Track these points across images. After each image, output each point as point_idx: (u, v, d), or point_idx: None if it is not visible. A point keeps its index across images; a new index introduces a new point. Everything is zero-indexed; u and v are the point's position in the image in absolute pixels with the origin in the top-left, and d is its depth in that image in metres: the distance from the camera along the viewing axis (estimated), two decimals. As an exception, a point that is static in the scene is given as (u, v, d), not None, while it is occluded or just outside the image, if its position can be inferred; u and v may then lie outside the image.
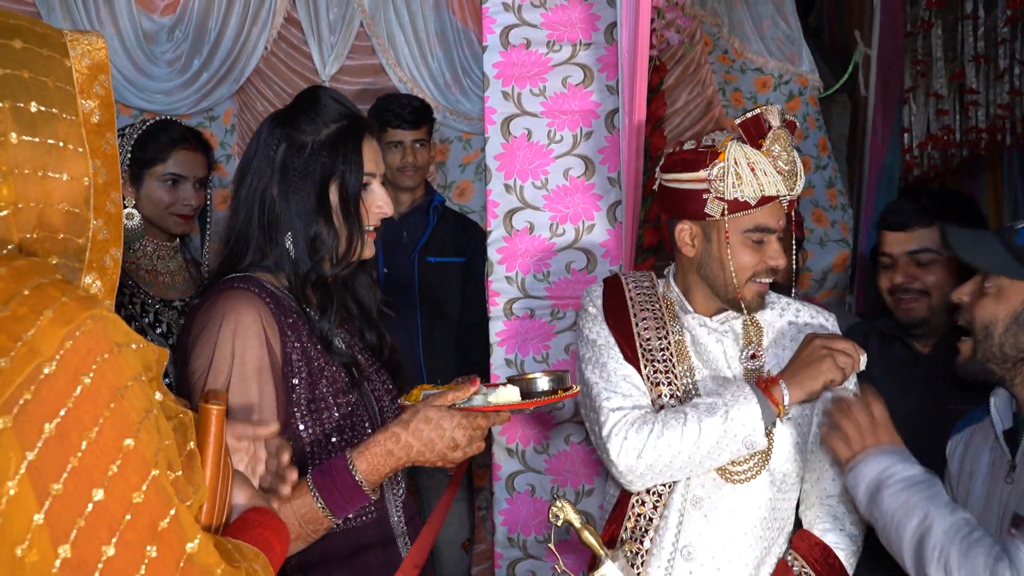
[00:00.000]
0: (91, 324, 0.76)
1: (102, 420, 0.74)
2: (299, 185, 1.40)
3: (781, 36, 3.30)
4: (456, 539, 2.91)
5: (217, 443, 0.95)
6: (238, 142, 3.03)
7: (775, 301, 1.69)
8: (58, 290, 0.76)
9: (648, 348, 1.62)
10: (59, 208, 0.83)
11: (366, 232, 1.45)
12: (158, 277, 2.14)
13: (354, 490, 1.31)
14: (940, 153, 4.41)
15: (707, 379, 1.62)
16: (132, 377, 0.78)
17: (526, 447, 2.26)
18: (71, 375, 0.73)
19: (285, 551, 1.01)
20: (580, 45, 2.22)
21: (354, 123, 1.44)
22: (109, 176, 0.87)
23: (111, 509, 0.74)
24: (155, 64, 2.92)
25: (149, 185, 2.09)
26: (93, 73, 0.87)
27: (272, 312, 1.38)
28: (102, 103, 0.87)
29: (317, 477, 1.31)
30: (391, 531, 1.50)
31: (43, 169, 0.82)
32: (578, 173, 2.22)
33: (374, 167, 1.46)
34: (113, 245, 0.88)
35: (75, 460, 0.72)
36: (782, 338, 1.66)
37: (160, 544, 0.77)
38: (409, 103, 2.76)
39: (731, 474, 1.56)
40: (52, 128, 0.82)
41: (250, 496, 1.03)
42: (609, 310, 1.68)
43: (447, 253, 2.77)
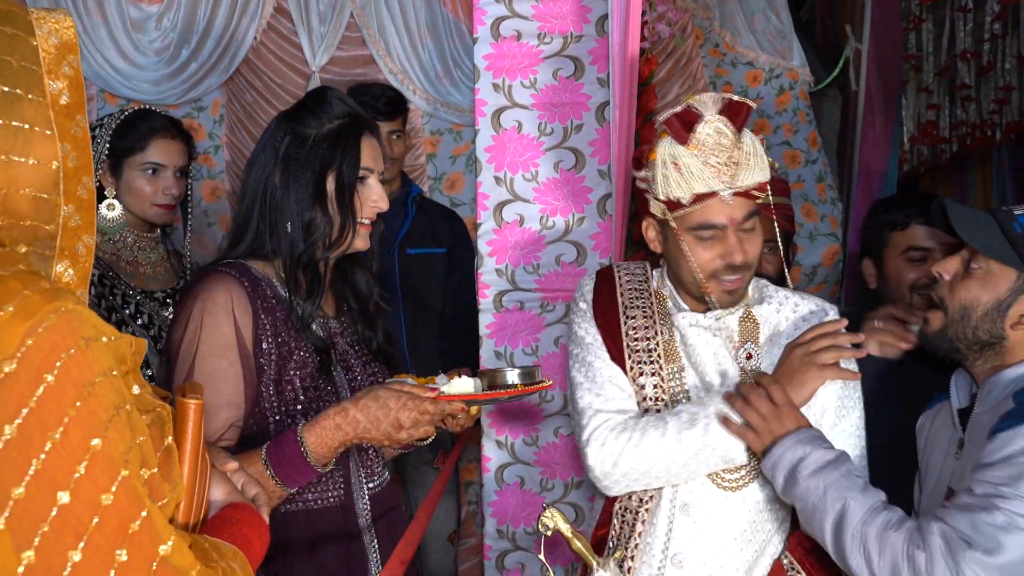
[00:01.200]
0: (55, 319, 0.72)
1: (67, 419, 0.71)
2: (299, 174, 1.50)
3: (772, 30, 3.30)
4: (442, 532, 2.91)
5: (195, 438, 0.92)
6: (226, 132, 3.01)
7: (773, 295, 1.62)
8: (19, 283, 0.74)
9: (635, 348, 1.58)
10: (25, 193, 0.80)
11: (359, 223, 1.54)
12: (139, 268, 2.12)
13: (301, 462, 1.36)
14: (930, 149, 4.43)
15: (696, 381, 1.58)
16: (101, 372, 0.75)
17: (515, 439, 2.26)
18: (33, 373, 0.70)
19: (265, 547, 0.98)
20: (571, 37, 2.21)
21: (356, 121, 1.55)
22: (80, 160, 0.84)
23: (77, 512, 0.71)
24: (143, 53, 2.89)
25: (129, 175, 2.07)
26: (61, 53, 0.83)
27: (247, 294, 1.46)
28: (71, 84, 0.84)
29: (271, 448, 1.37)
30: (356, 523, 1.53)
31: (8, 153, 0.79)
32: (568, 166, 2.22)
33: (372, 163, 1.55)
34: (85, 232, 0.85)
35: (38, 462, 0.70)
36: (779, 335, 1.58)
37: (131, 547, 0.74)
38: (383, 94, 2.68)
39: (723, 480, 1.52)
40: (17, 110, 0.79)
41: (228, 492, 1.01)
42: (599, 306, 1.65)
43: (427, 244, 2.73)
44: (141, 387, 0.82)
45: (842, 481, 1.37)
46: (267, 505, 1.06)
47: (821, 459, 1.40)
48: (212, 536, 0.91)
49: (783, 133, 3.21)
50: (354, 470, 1.55)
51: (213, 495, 0.98)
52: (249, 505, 1.01)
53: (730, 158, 1.46)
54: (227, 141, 3.00)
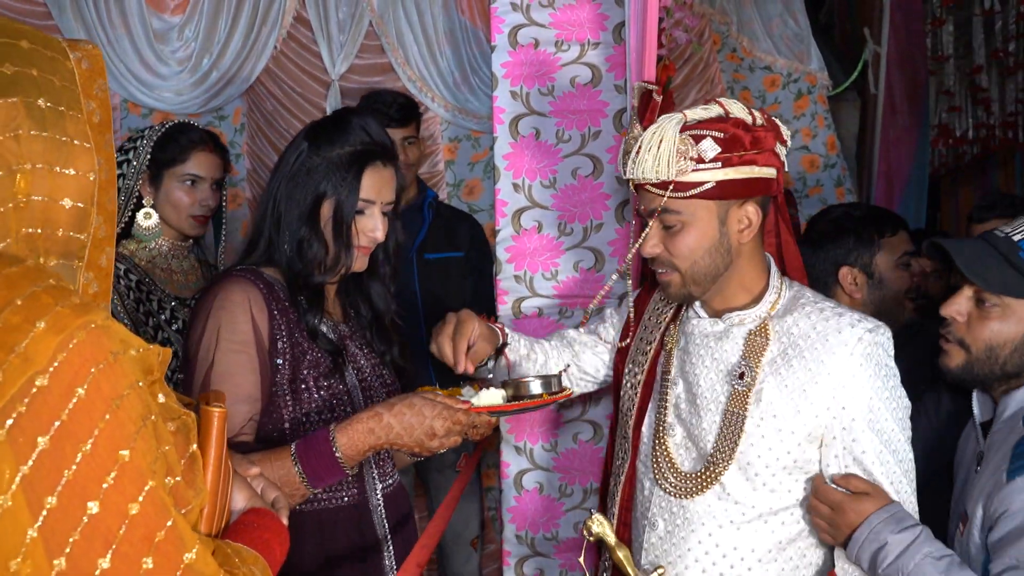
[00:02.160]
0: (84, 335, 0.74)
1: (97, 432, 0.73)
2: (297, 193, 1.54)
3: (790, 34, 3.29)
4: (465, 537, 2.92)
5: (219, 446, 0.94)
6: (247, 141, 3.04)
7: (806, 302, 1.50)
8: (51, 298, 0.75)
9: (633, 357, 1.61)
10: (64, 204, 0.83)
11: (355, 248, 1.56)
12: (172, 276, 2.18)
13: (331, 461, 1.39)
14: (951, 151, 4.39)
15: (682, 392, 1.54)
16: (129, 385, 0.76)
17: (534, 445, 2.27)
18: (65, 387, 0.72)
19: (285, 553, 1.00)
20: (588, 45, 2.22)
21: (366, 151, 1.55)
22: (108, 174, 0.87)
23: (106, 522, 0.73)
24: (165, 63, 2.93)
25: (168, 185, 2.14)
26: (92, 76, 0.88)
27: (263, 296, 1.50)
28: (100, 104, 0.88)
29: (300, 445, 1.40)
30: (372, 527, 1.56)
31: (53, 164, 0.82)
32: (586, 172, 2.22)
33: (375, 195, 1.56)
34: (107, 243, 0.88)
35: (69, 473, 0.72)
36: (791, 351, 1.45)
37: (157, 555, 0.76)
38: (395, 100, 2.69)
39: None
40: (61, 124, 0.83)
41: (249, 497, 1.02)
42: (634, 308, 1.72)
43: (444, 248, 2.75)
44: (166, 396, 0.84)
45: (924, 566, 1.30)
46: (286, 508, 1.08)
47: (897, 547, 1.33)
48: (234, 541, 0.93)
49: (801, 138, 3.20)
50: (367, 471, 1.58)
51: (234, 500, 1.00)
52: (269, 510, 1.03)
53: (627, 146, 1.46)
54: (248, 149, 3.03)
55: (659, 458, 1.53)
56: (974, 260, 1.41)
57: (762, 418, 1.43)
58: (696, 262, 1.45)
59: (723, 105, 1.43)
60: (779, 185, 1.49)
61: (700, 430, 1.49)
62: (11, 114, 0.79)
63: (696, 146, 1.39)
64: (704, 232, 1.44)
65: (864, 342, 1.41)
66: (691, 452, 1.50)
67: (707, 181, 1.40)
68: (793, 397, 1.43)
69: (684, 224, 1.44)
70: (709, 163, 1.39)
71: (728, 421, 1.45)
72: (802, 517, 1.48)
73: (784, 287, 1.53)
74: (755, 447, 1.43)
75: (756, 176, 1.43)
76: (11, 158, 0.79)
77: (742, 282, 1.51)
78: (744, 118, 1.43)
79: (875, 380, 1.41)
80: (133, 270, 2.11)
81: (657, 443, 1.54)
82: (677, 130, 1.40)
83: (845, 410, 1.41)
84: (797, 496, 1.46)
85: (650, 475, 1.55)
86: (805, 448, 1.44)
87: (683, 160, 1.39)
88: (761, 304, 1.50)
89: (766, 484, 1.45)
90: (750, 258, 1.50)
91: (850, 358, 1.41)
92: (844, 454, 1.42)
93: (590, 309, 2.20)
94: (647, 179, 1.43)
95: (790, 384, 1.44)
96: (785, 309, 1.50)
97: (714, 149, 1.39)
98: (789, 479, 1.45)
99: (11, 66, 0.80)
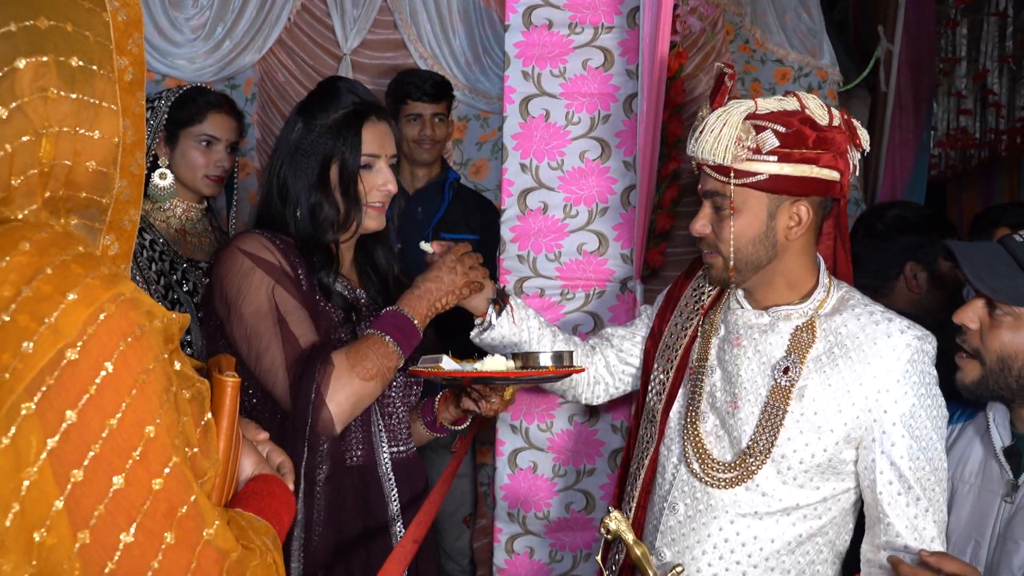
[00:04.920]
0: (114, 308, 0.75)
1: (124, 406, 0.74)
2: (304, 163, 1.59)
3: (803, 28, 3.29)
4: (458, 514, 2.95)
5: (231, 415, 0.94)
6: (258, 111, 3.05)
7: (855, 303, 1.49)
8: (82, 268, 0.75)
9: (666, 344, 1.62)
10: (88, 166, 0.81)
11: (367, 206, 1.61)
12: (186, 237, 2.21)
13: (411, 326, 1.57)
14: (958, 154, 4.39)
15: (718, 382, 1.54)
16: (154, 359, 0.77)
17: (530, 424, 2.28)
18: (94, 361, 0.73)
19: (291, 519, 1.01)
20: (602, 28, 2.22)
21: (359, 109, 1.60)
22: (136, 136, 0.86)
23: (130, 496, 0.74)
24: (179, 30, 2.93)
25: (184, 144, 2.16)
26: (128, 30, 0.85)
27: (279, 247, 1.56)
28: (134, 61, 0.85)
29: (384, 326, 1.55)
30: (382, 499, 1.60)
31: (78, 126, 0.80)
32: (594, 156, 2.23)
33: (377, 148, 1.61)
34: (132, 206, 0.87)
35: (96, 447, 0.72)
36: (837, 350, 1.45)
37: (178, 530, 0.77)
38: (430, 77, 2.82)
39: None
40: (91, 85, 0.80)
41: (256, 462, 1.03)
42: (667, 299, 1.74)
43: (460, 230, 2.79)
44: (182, 363, 0.84)
45: None
46: (291, 473, 1.09)
47: None
48: (244, 509, 0.93)
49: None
50: (376, 431, 1.61)
51: (242, 468, 1.01)
52: (276, 477, 1.04)
53: (694, 125, 1.47)
54: (258, 119, 3.04)
55: (688, 443, 1.54)
56: (983, 267, 1.38)
57: (803, 414, 1.44)
58: (739, 249, 1.46)
59: (801, 99, 1.43)
60: (843, 189, 1.47)
61: (736, 420, 1.49)
62: (40, 72, 0.78)
63: (756, 136, 1.40)
64: (750, 222, 1.44)
65: (912, 348, 1.42)
66: (722, 440, 1.51)
67: (760, 172, 1.41)
68: (836, 396, 1.43)
69: (734, 210, 1.44)
70: (766, 155, 1.40)
71: (768, 414, 1.46)
72: (824, 514, 1.48)
73: (833, 287, 1.53)
74: (792, 442, 1.44)
75: (814, 176, 1.41)
76: (38, 120, 0.78)
77: (787, 279, 1.50)
78: (816, 116, 1.42)
79: (919, 387, 1.42)
80: (147, 229, 2.13)
81: (688, 428, 1.55)
82: (742, 117, 1.41)
83: (887, 414, 1.42)
84: (824, 494, 1.47)
85: (674, 459, 1.56)
86: (842, 448, 1.44)
87: (740, 147, 1.40)
88: (810, 301, 1.49)
89: (796, 479, 1.45)
90: (798, 256, 1.49)
91: (897, 363, 1.42)
92: (881, 458, 1.42)
93: (592, 293, 2.22)
94: (704, 160, 1.45)
95: (834, 383, 1.44)
96: (834, 309, 1.50)
97: (773, 142, 1.39)
98: (820, 478, 1.46)
99: (46, 19, 0.78)
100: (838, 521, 1.50)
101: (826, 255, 1.60)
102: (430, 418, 1.77)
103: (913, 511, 1.42)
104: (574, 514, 2.30)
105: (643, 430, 1.68)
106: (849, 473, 1.47)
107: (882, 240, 2.09)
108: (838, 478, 1.47)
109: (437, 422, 1.77)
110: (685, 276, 1.75)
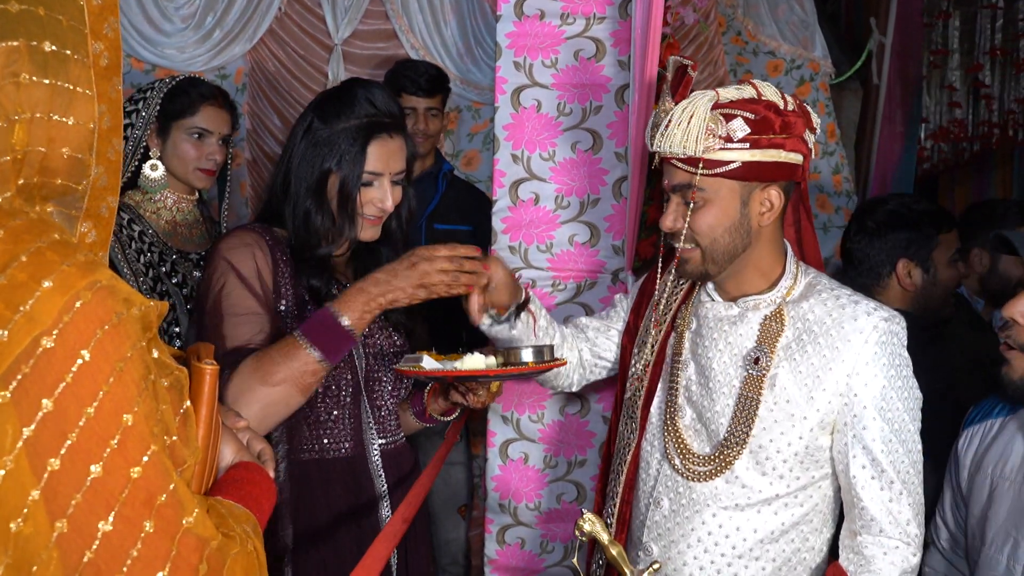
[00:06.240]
0: (90, 295, 0.73)
1: (101, 395, 0.73)
2: (305, 166, 1.57)
3: (795, 20, 3.28)
4: (453, 504, 2.95)
5: (210, 403, 0.93)
6: (248, 101, 3.03)
7: (822, 288, 1.49)
8: (57, 255, 0.74)
9: (641, 340, 1.61)
10: (62, 153, 0.80)
11: (362, 219, 1.59)
12: (176, 229, 2.19)
13: (334, 322, 1.44)
14: (950, 147, 4.40)
15: (693, 376, 1.54)
16: (132, 346, 0.76)
17: (521, 415, 2.28)
18: (70, 349, 0.71)
19: (272, 505, 1.00)
20: (594, 18, 2.21)
21: (371, 123, 1.56)
22: (112, 122, 0.84)
23: (109, 485, 0.73)
24: (168, 20, 2.91)
25: (176, 137, 2.14)
26: (103, 14, 0.83)
27: (268, 244, 1.54)
28: (110, 46, 0.84)
29: (303, 328, 1.46)
30: (370, 480, 1.60)
31: (52, 112, 0.78)
32: (586, 147, 2.23)
33: (381, 166, 1.58)
34: (110, 193, 0.85)
35: (73, 436, 0.71)
36: (805, 337, 1.45)
37: (158, 519, 0.76)
38: (426, 71, 2.78)
39: None
40: (64, 70, 0.79)
41: (236, 450, 1.02)
42: (641, 292, 1.72)
43: (454, 221, 2.78)
44: (160, 351, 0.83)
45: None
46: (272, 460, 1.09)
47: None
48: (223, 497, 0.92)
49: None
50: (365, 422, 1.61)
51: (222, 455, 1.00)
52: (256, 464, 1.03)
53: (656, 118, 1.45)
54: (249, 110, 3.02)
55: (669, 439, 1.54)
56: None
57: (775, 403, 1.44)
58: (716, 240, 1.45)
59: (756, 87, 1.43)
60: (804, 172, 1.48)
61: (712, 413, 1.49)
62: (12, 58, 0.76)
63: (726, 125, 1.39)
64: (725, 211, 1.44)
65: (879, 330, 1.42)
66: (701, 434, 1.52)
67: (734, 161, 1.40)
68: (807, 383, 1.44)
69: (706, 201, 1.43)
70: (737, 143, 1.39)
71: (742, 406, 1.46)
72: (806, 501, 1.49)
73: (800, 273, 1.53)
74: (768, 431, 1.45)
75: (783, 160, 1.42)
76: (10, 106, 0.76)
77: (759, 266, 1.50)
78: (776, 102, 1.42)
79: (889, 369, 1.42)
80: (137, 220, 2.12)
81: (667, 424, 1.55)
82: (709, 107, 1.40)
83: (857, 397, 1.42)
84: (804, 483, 1.48)
85: (657, 455, 1.56)
86: (817, 435, 1.44)
87: (712, 137, 1.39)
88: (777, 289, 1.50)
89: (776, 469, 1.45)
90: (768, 243, 1.49)
91: (865, 346, 1.41)
92: (854, 442, 1.42)
93: (583, 284, 2.22)
94: (674, 153, 1.42)
95: (804, 370, 1.44)
96: (801, 295, 1.50)
97: (744, 129, 1.39)
98: (800, 467, 1.46)
99: (17, 3, 0.77)
100: (822, 508, 1.51)
101: (791, 240, 1.60)
102: (419, 408, 1.78)
103: (887, 495, 1.42)
104: (565, 505, 2.30)
105: (623, 425, 1.68)
106: (827, 460, 1.47)
107: (874, 237, 2.08)
108: (816, 465, 1.47)
109: (426, 413, 1.77)
110: (657, 270, 1.73)
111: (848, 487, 1.45)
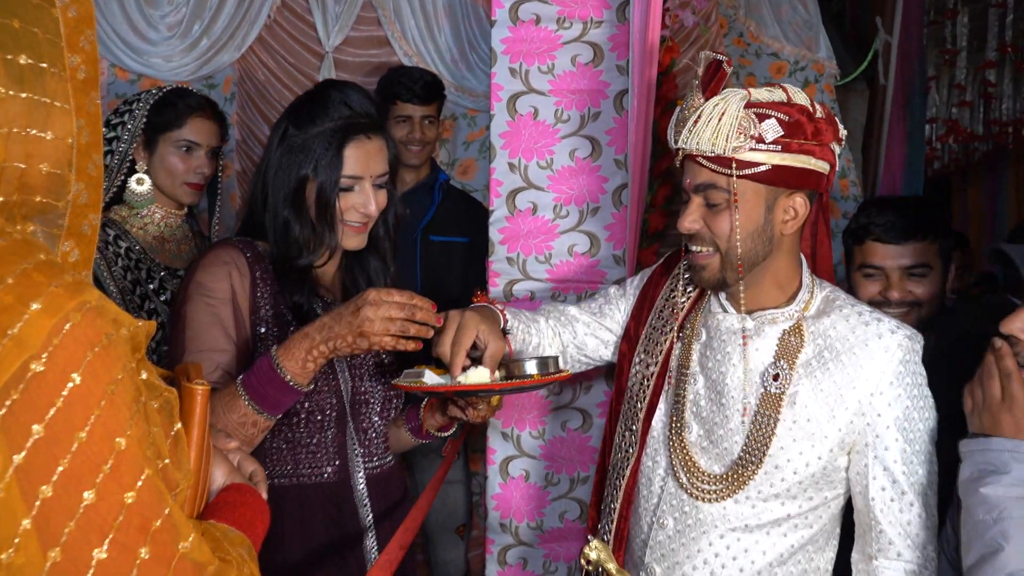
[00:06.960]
0: (79, 316, 0.72)
1: (93, 418, 0.71)
2: (281, 175, 1.51)
3: (799, 21, 3.22)
4: (451, 524, 2.89)
5: (201, 425, 0.92)
6: (237, 111, 2.98)
7: (842, 304, 1.45)
8: (44, 276, 0.73)
9: (644, 349, 1.55)
10: (41, 169, 0.78)
11: (345, 225, 1.52)
12: (164, 244, 2.13)
13: (273, 374, 1.35)
14: (960, 147, 4.32)
15: (702, 390, 1.47)
16: (123, 368, 0.75)
17: (521, 432, 2.22)
18: (60, 372, 0.70)
19: (266, 528, 0.99)
20: (591, 23, 2.15)
21: (347, 125, 1.50)
22: (92, 137, 0.83)
23: (102, 511, 0.72)
24: (154, 28, 2.86)
25: (163, 150, 2.08)
26: (79, 26, 0.82)
27: (248, 262, 1.50)
28: (87, 59, 0.83)
29: (244, 379, 1.38)
30: (355, 515, 1.53)
31: (29, 127, 0.77)
32: (584, 154, 2.17)
33: (360, 169, 1.51)
34: (92, 210, 0.84)
35: (65, 462, 0.70)
36: (827, 354, 1.40)
37: (153, 545, 0.75)
38: (421, 78, 2.72)
39: None
40: (41, 83, 0.78)
41: (227, 471, 1.01)
42: (641, 297, 1.64)
43: (450, 232, 2.72)
44: (148, 372, 0.81)
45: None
46: (264, 482, 1.07)
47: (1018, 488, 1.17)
48: (217, 520, 0.91)
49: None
50: (351, 447, 1.55)
51: (214, 477, 0.99)
52: (248, 486, 1.01)
53: (683, 114, 1.39)
54: (238, 120, 2.97)
55: (675, 455, 1.48)
56: None
57: (795, 422, 1.39)
58: (737, 244, 1.38)
59: (786, 90, 1.37)
60: (829, 182, 1.42)
61: (725, 431, 1.44)
62: None
63: (759, 125, 1.33)
64: (749, 215, 1.37)
65: (904, 349, 1.39)
66: (709, 452, 1.45)
67: (763, 163, 1.34)
68: (828, 401, 1.39)
69: (729, 203, 1.37)
70: (769, 144, 1.33)
71: (758, 424, 1.40)
72: (815, 522, 1.44)
73: (816, 287, 1.48)
74: (785, 451, 1.39)
75: (811, 168, 1.36)
76: None
77: (777, 278, 1.45)
78: (807, 106, 1.37)
79: (912, 389, 1.39)
80: (123, 237, 2.05)
81: (672, 439, 1.49)
82: (741, 105, 1.34)
83: (881, 417, 1.38)
84: (816, 503, 1.43)
85: (660, 471, 1.50)
86: (836, 455, 1.40)
87: (743, 137, 1.33)
88: (795, 303, 1.44)
89: (789, 490, 1.40)
90: (788, 253, 1.44)
91: (890, 365, 1.38)
92: (874, 463, 1.38)
93: (584, 295, 2.15)
94: (701, 151, 1.36)
95: (826, 388, 1.39)
96: (819, 310, 1.45)
97: (776, 131, 1.33)
98: (813, 488, 1.42)
99: None
100: (827, 528, 1.47)
101: (806, 253, 1.55)
102: (415, 424, 1.70)
103: (906, 516, 1.39)
104: (568, 523, 2.25)
105: (620, 437, 1.62)
106: (841, 480, 1.43)
107: None
108: (830, 486, 1.43)
109: (423, 429, 1.70)
110: (661, 274, 1.67)
111: (866, 509, 1.41)
